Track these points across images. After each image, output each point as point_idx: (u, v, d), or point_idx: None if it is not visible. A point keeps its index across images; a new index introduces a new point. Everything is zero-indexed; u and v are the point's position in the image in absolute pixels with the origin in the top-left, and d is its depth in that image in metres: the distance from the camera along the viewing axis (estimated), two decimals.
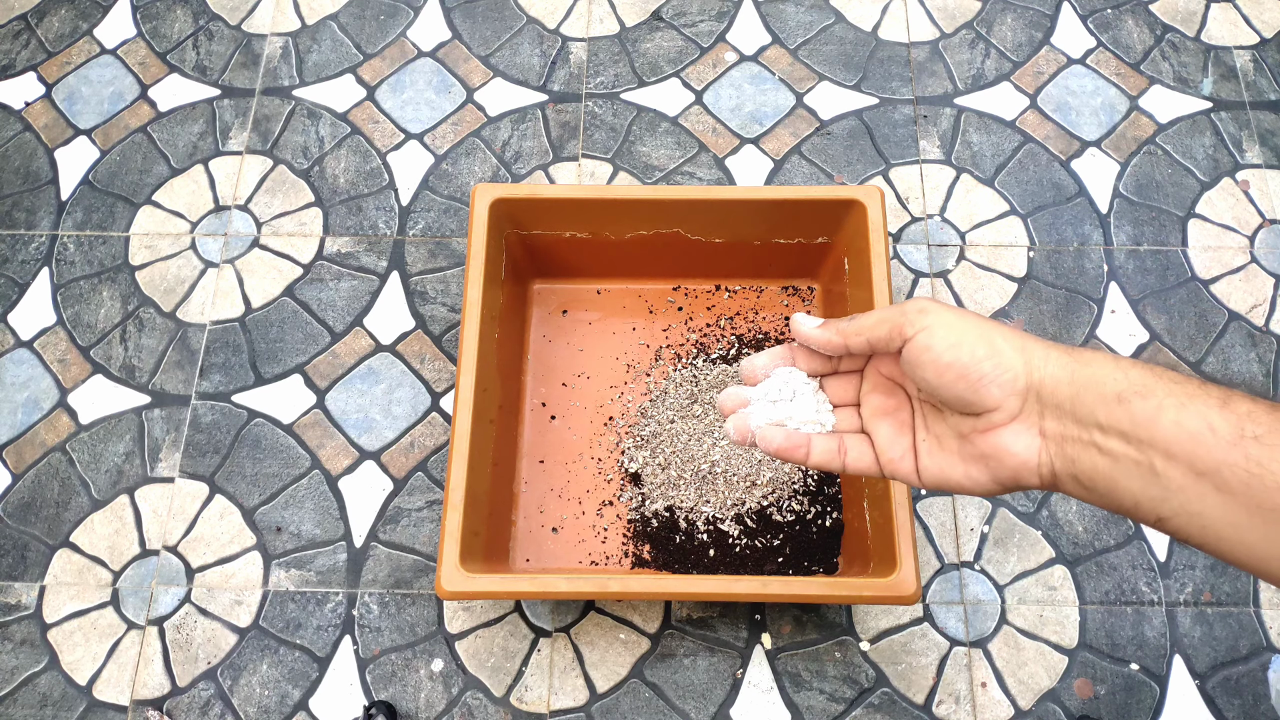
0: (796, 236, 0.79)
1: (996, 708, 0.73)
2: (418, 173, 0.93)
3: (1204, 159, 0.93)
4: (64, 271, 0.89)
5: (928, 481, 0.39)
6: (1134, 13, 1.00)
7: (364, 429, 0.83)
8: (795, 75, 0.97)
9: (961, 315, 0.36)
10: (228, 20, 1.01)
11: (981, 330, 0.35)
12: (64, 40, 1.00)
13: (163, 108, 0.97)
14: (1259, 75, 0.96)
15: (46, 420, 0.84)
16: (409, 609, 0.77)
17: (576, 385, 0.82)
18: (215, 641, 0.76)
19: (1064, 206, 0.91)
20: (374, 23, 1.01)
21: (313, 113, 0.96)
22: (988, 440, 0.36)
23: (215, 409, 0.84)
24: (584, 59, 0.98)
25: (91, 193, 0.93)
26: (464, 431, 0.66)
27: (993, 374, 0.34)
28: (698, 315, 0.85)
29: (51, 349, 0.87)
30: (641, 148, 0.94)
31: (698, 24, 1.00)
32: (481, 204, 0.73)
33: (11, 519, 0.80)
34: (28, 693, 0.75)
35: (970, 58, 0.98)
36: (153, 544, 0.79)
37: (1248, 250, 0.89)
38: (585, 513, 0.77)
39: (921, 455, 0.39)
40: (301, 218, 0.91)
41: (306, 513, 0.80)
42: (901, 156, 0.93)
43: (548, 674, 0.75)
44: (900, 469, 0.40)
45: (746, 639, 0.76)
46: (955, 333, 0.35)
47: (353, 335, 0.86)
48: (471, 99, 0.97)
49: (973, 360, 0.35)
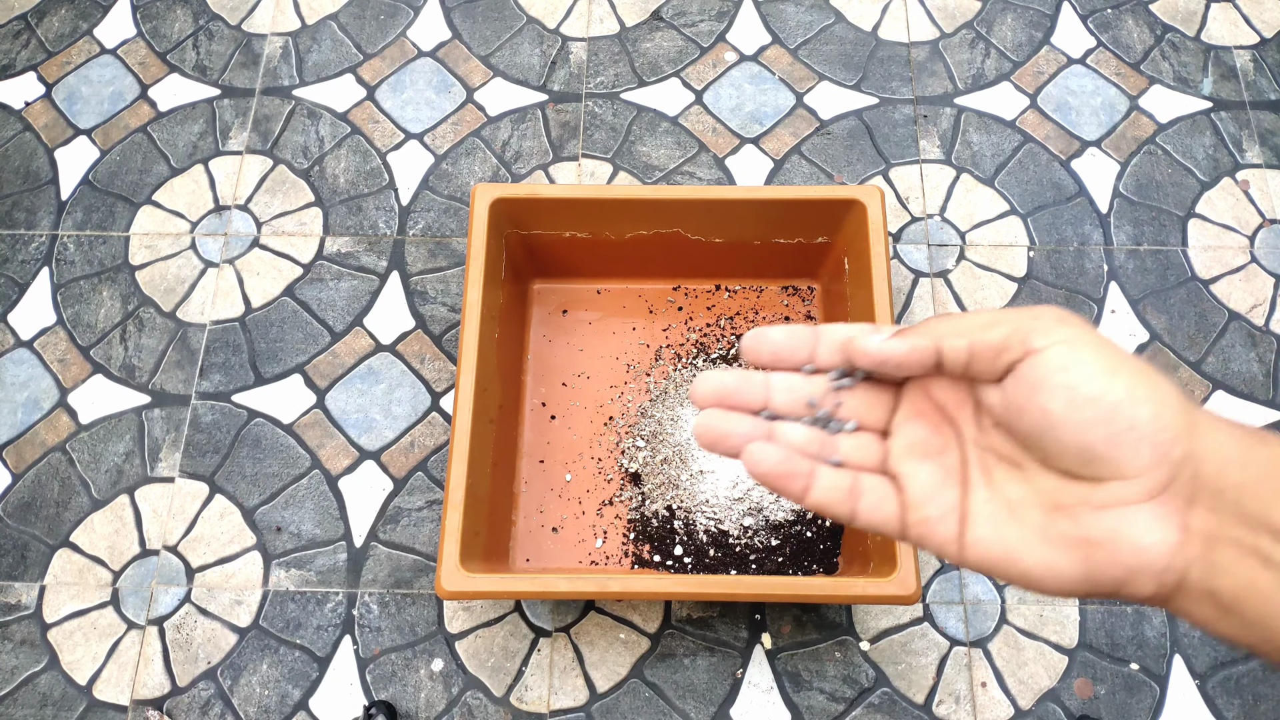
0: (796, 236, 0.79)
1: (996, 707, 0.73)
2: (418, 173, 0.93)
3: (1204, 159, 0.93)
4: (64, 271, 0.89)
5: (975, 558, 0.28)
6: (1134, 13, 1.00)
7: (364, 429, 0.83)
8: (795, 75, 0.97)
9: (1110, 342, 0.26)
10: (228, 20, 1.01)
11: (1138, 367, 0.25)
12: (64, 40, 1.00)
13: (163, 108, 0.97)
14: (1259, 75, 0.96)
15: (46, 420, 0.84)
16: (409, 609, 0.77)
17: (576, 385, 0.82)
18: (215, 641, 0.76)
19: (1064, 206, 0.91)
20: (374, 23, 1.01)
21: (313, 113, 0.96)
22: (1101, 521, 0.25)
23: (215, 409, 0.84)
24: (584, 59, 0.98)
25: (91, 193, 0.93)
26: (464, 431, 0.66)
27: (1149, 425, 0.25)
28: (698, 315, 0.85)
29: (51, 349, 0.87)
30: (641, 148, 0.94)
31: (698, 24, 1.00)
32: (481, 204, 0.73)
33: (11, 519, 0.80)
34: (28, 693, 0.75)
35: (970, 58, 0.98)
36: (153, 544, 0.79)
37: (1248, 250, 0.89)
38: (585, 513, 0.77)
39: (977, 522, 0.28)
40: (301, 217, 0.91)
41: (306, 513, 0.80)
42: (901, 156, 0.93)
43: (548, 674, 0.75)
44: (935, 532, 0.29)
45: (746, 639, 0.76)
46: (1107, 359, 0.25)
47: (353, 335, 0.86)
48: (471, 99, 0.97)
49: (1130, 399, 0.25)
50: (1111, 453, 0.25)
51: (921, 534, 0.29)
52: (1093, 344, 0.26)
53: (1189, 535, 0.25)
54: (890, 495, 0.30)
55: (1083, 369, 0.25)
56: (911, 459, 0.30)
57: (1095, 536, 0.25)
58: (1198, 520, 0.25)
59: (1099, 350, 0.26)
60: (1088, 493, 0.26)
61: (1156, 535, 0.25)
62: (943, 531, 0.28)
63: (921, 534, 0.29)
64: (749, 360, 0.31)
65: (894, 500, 0.30)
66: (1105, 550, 0.25)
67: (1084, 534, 0.26)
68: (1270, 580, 0.24)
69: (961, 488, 0.29)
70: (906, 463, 0.30)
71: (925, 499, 0.29)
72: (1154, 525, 0.25)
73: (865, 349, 0.29)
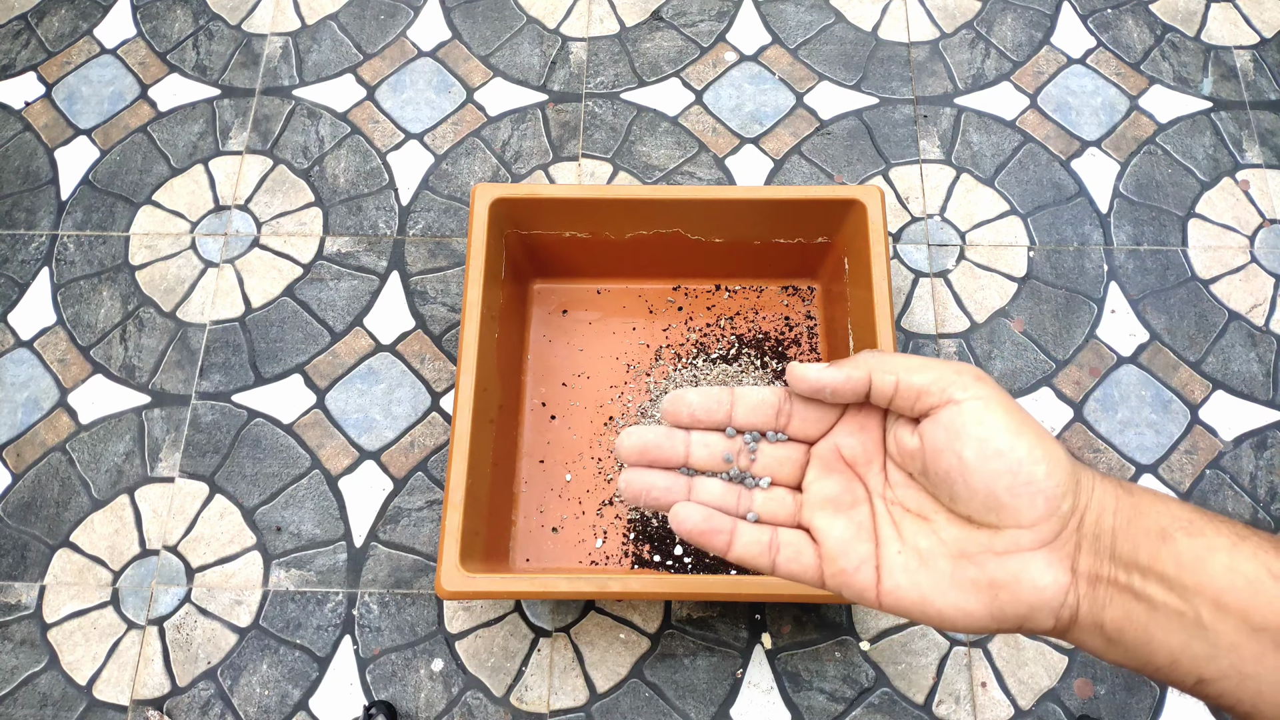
0: (796, 236, 0.79)
1: (996, 708, 0.73)
2: (418, 172, 0.93)
3: (1204, 159, 0.93)
4: (64, 271, 0.89)
5: (892, 604, 0.30)
6: (1134, 12, 1.00)
7: (364, 429, 0.83)
8: (795, 75, 0.97)
9: (1016, 405, 0.30)
10: (228, 20, 1.01)
11: (1038, 430, 0.29)
12: (64, 40, 1.00)
13: (163, 107, 0.97)
14: (1259, 75, 0.96)
15: (46, 420, 0.84)
16: (409, 609, 0.77)
17: (576, 385, 0.82)
18: (215, 641, 0.76)
19: (1064, 206, 0.91)
20: (374, 22, 1.01)
21: (313, 112, 0.96)
22: (1004, 565, 0.28)
23: (215, 409, 0.84)
24: (584, 59, 0.98)
25: (91, 193, 0.93)
26: (464, 431, 0.66)
27: (1044, 482, 0.28)
28: (698, 315, 0.85)
29: (51, 349, 0.87)
30: (641, 148, 0.94)
31: (698, 24, 1.00)
32: (481, 204, 0.73)
33: (11, 519, 0.80)
34: (28, 693, 0.75)
35: (970, 57, 0.98)
36: (153, 544, 0.79)
37: (1248, 250, 0.89)
38: (585, 513, 0.77)
39: (891, 571, 0.30)
40: (301, 217, 0.91)
41: (306, 512, 0.80)
42: (901, 156, 0.93)
43: (548, 674, 0.75)
44: (854, 582, 0.31)
45: (746, 639, 0.76)
46: (1014, 419, 0.29)
47: (353, 335, 0.86)
48: (471, 99, 0.97)
49: (1030, 458, 0.28)
50: (1012, 502, 0.28)
51: (840, 584, 0.31)
52: (1003, 404, 0.29)
53: (1077, 576, 0.28)
54: (807, 548, 0.32)
55: (994, 425, 0.29)
56: (824, 513, 0.33)
57: (999, 579, 0.28)
58: (1083, 563, 0.28)
59: (1008, 411, 0.29)
60: (990, 540, 0.29)
61: (1050, 577, 0.28)
62: (860, 581, 0.31)
63: (840, 584, 0.31)
64: (669, 421, 0.34)
65: (811, 552, 0.32)
66: (1009, 591, 0.28)
67: (990, 577, 0.29)
68: (1142, 611, 0.27)
69: (874, 541, 0.31)
70: (820, 516, 0.33)
71: (841, 551, 0.31)
72: (1048, 568, 0.28)
73: (804, 376, 0.32)
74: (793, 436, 0.34)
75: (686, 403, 0.33)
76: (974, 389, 0.29)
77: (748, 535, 0.32)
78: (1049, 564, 0.28)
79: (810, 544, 0.32)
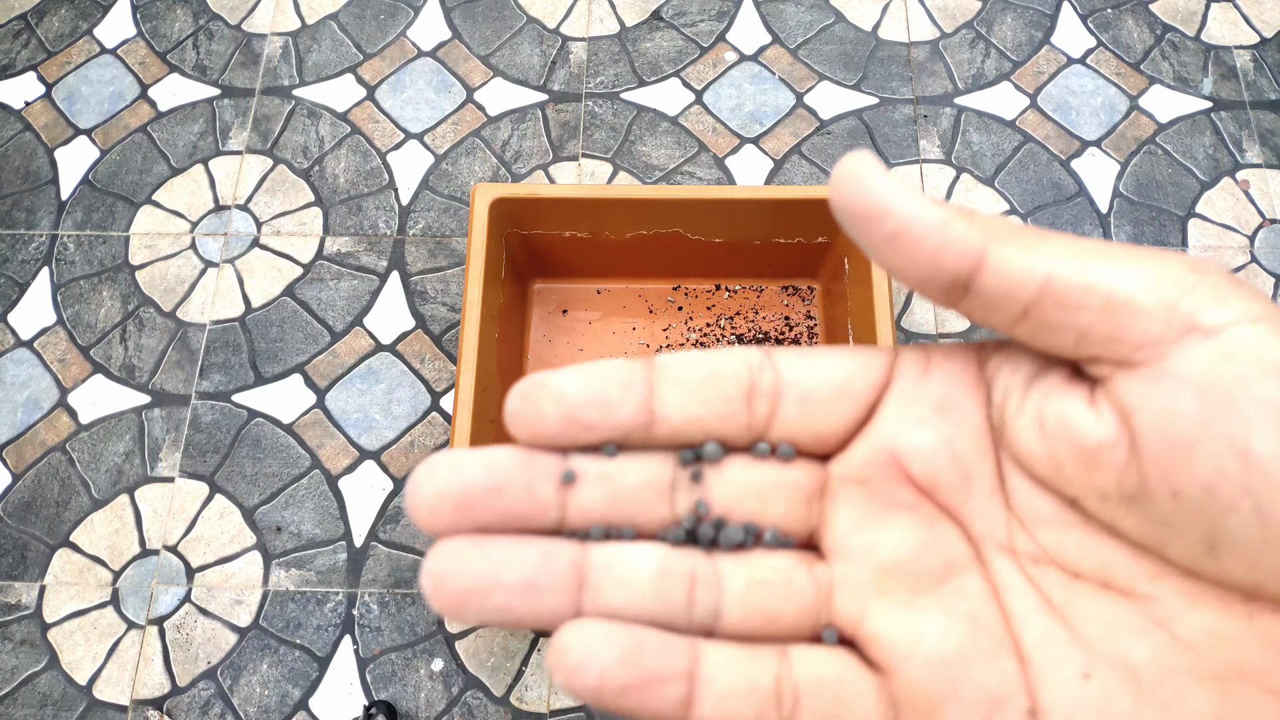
0: (796, 236, 0.79)
1: None
2: (418, 172, 0.93)
3: (1204, 159, 0.93)
4: (64, 271, 0.89)
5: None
6: (1134, 12, 1.00)
7: (364, 429, 0.83)
8: (795, 75, 0.97)
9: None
10: (228, 20, 1.01)
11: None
12: (64, 40, 1.00)
13: (163, 107, 0.97)
14: (1259, 75, 0.96)
15: (46, 420, 0.84)
16: (409, 609, 0.77)
17: None
18: (215, 641, 0.76)
19: (1064, 206, 0.91)
20: (374, 22, 1.01)
21: (313, 112, 0.96)
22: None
23: (215, 409, 0.84)
24: (584, 59, 0.98)
25: (91, 192, 0.93)
26: (464, 431, 0.66)
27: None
28: (698, 315, 0.85)
29: (51, 349, 0.87)
30: (641, 147, 0.94)
31: (698, 24, 1.00)
32: (481, 203, 0.73)
33: (11, 519, 0.80)
34: (28, 693, 0.75)
35: (970, 57, 0.98)
36: (153, 544, 0.79)
37: (1248, 250, 0.89)
38: None
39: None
40: (301, 217, 0.91)
41: (306, 512, 0.80)
42: (901, 156, 0.93)
43: (548, 674, 0.75)
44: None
45: None
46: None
47: (353, 335, 0.86)
48: (471, 99, 0.97)
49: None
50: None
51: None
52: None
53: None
54: (859, 685, 0.15)
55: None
56: (887, 599, 0.15)
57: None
58: None
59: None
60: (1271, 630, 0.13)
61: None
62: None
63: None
64: (526, 436, 0.17)
65: (871, 696, 0.15)
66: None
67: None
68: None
69: (1016, 652, 0.14)
70: (880, 608, 0.15)
71: (941, 689, 0.14)
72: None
73: (866, 185, 0.15)
74: (789, 442, 0.16)
75: (556, 395, 0.16)
76: (1239, 304, 0.13)
77: (724, 679, 0.15)
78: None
79: (865, 676, 0.15)
